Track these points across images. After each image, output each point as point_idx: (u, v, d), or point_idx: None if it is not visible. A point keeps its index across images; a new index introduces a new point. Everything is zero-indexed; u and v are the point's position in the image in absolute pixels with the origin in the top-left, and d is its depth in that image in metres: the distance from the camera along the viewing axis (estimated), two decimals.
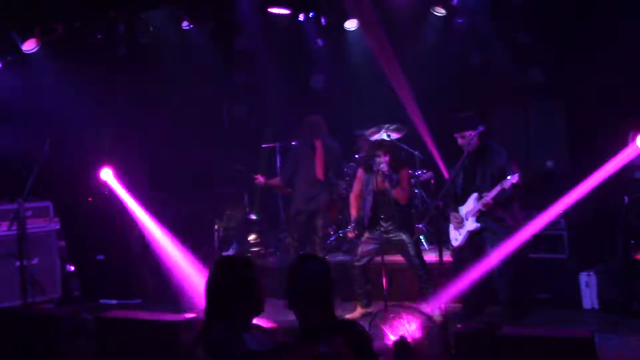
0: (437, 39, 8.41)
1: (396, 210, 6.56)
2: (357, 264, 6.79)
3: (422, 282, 6.61)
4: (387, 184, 6.49)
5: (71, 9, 7.87)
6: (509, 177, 5.73)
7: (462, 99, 8.16)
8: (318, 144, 7.37)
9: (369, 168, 6.70)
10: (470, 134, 5.98)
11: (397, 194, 6.51)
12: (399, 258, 7.04)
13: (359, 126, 8.89)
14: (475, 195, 6.06)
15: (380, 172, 6.51)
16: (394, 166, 6.54)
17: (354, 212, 6.97)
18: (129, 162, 8.91)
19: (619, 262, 6.56)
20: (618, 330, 5.95)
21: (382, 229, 6.61)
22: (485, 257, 6.03)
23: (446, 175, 6.88)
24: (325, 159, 7.38)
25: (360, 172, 6.91)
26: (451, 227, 6.25)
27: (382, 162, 6.46)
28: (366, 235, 6.73)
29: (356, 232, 6.99)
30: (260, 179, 7.72)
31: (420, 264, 6.58)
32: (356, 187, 6.94)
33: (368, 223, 6.66)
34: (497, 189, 5.81)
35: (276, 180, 7.75)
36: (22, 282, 7.01)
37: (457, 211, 6.21)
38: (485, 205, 5.90)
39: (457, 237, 6.21)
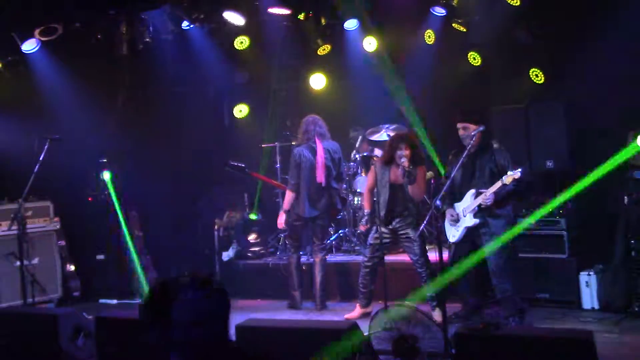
0: (437, 39, 8.40)
1: (409, 206, 6.56)
2: (367, 263, 6.78)
3: (424, 282, 6.60)
4: (404, 179, 6.47)
5: (71, 8, 7.87)
6: (510, 172, 5.74)
7: (461, 99, 8.15)
8: (318, 147, 7.32)
9: (388, 161, 6.65)
10: (472, 127, 5.98)
11: (414, 190, 6.48)
12: (398, 258, 7.06)
13: (358, 126, 8.89)
14: (472, 191, 6.07)
15: (400, 166, 6.49)
16: (414, 161, 6.51)
17: (367, 206, 6.96)
18: (129, 161, 8.93)
19: (619, 262, 6.56)
20: (618, 330, 5.95)
21: (391, 226, 6.60)
22: (483, 254, 6.05)
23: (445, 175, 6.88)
24: (326, 163, 7.34)
25: (373, 166, 6.88)
26: (447, 224, 6.26)
27: (403, 157, 6.44)
28: (374, 235, 6.70)
29: (368, 225, 6.99)
30: (281, 219, 7.46)
31: (425, 264, 6.57)
32: (370, 180, 6.91)
33: (384, 217, 6.59)
34: (498, 184, 5.82)
35: (291, 197, 7.38)
36: (22, 282, 7.01)
37: (453, 208, 6.22)
38: (484, 200, 5.91)
39: (454, 233, 6.22)
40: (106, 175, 8.42)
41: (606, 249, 6.75)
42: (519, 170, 5.71)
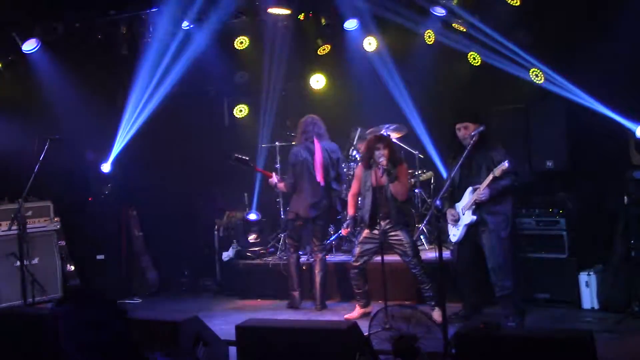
0: (437, 39, 8.40)
1: (394, 207, 6.55)
2: (355, 264, 6.79)
3: (420, 282, 6.60)
4: (385, 179, 6.48)
5: (71, 9, 7.88)
6: (498, 165, 5.77)
7: (461, 99, 8.15)
8: (317, 147, 7.32)
9: (368, 164, 6.69)
10: (472, 126, 5.99)
11: (396, 188, 6.49)
12: (397, 258, 7.05)
13: (358, 126, 8.88)
14: (470, 189, 6.08)
15: (379, 167, 6.49)
16: (393, 161, 6.53)
17: (350, 211, 6.99)
18: (128, 162, 8.93)
19: (619, 262, 6.56)
20: (618, 330, 5.95)
21: (380, 228, 6.60)
22: (483, 252, 6.05)
23: (445, 175, 6.88)
24: (325, 163, 7.34)
25: (358, 170, 6.90)
26: (449, 224, 6.26)
27: (381, 156, 6.45)
28: (364, 235, 6.72)
29: (349, 229, 7.02)
30: (274, 179, 7.63)
31: (418, 264, 6.57)
32: (354, 185, 6.93)
33: (369, 221, 6.63)
34: (489, 177, 5.85)
35: (282, 186, 7.65)
36: (22, 282, 7.01)
37: (453, 208, 6.22)
38: (479, 195, 5.92)
39: (454, 232, 6.23)
40: (105, 168, 8.43)
41: (606, 249, 6.75)
42: (506, 161, 5.74)
